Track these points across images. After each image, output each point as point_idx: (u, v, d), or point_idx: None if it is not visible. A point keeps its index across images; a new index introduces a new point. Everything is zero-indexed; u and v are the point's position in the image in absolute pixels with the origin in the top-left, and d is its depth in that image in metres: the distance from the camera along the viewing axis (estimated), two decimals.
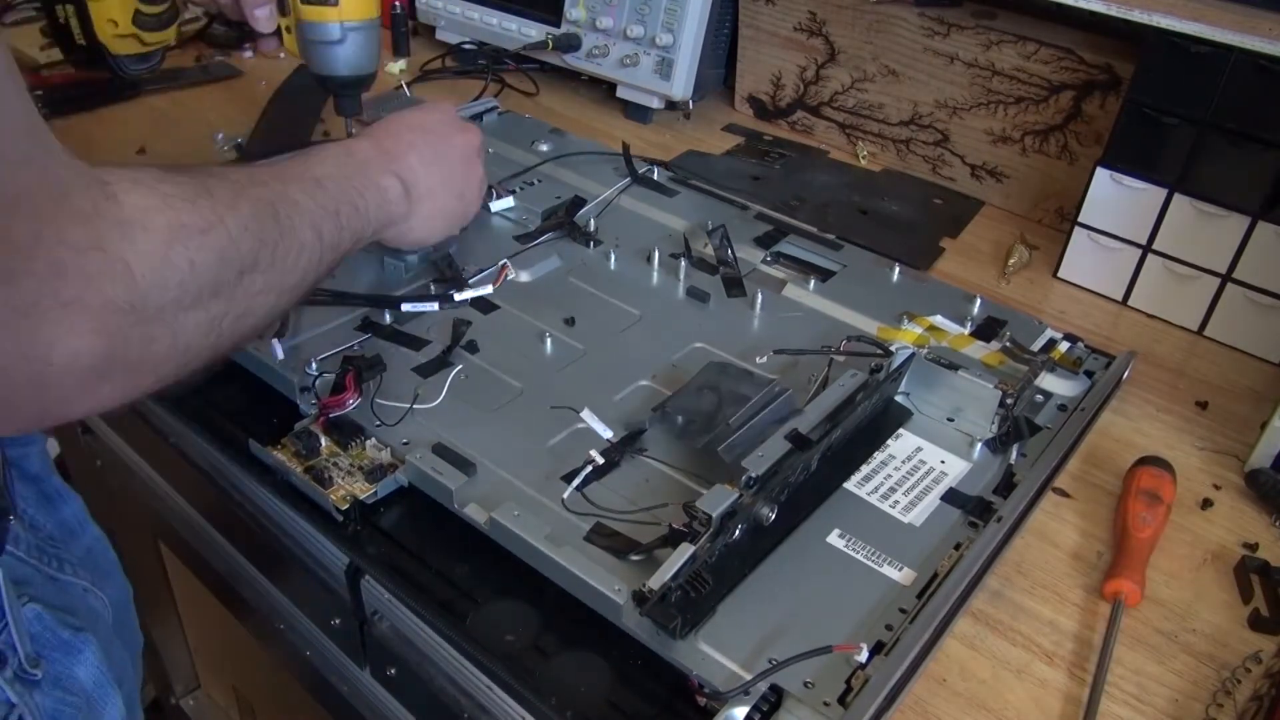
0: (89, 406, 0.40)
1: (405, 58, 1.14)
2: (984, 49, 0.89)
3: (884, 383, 0.60)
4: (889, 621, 0.49)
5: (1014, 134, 0.91)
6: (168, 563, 0.98)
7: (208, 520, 0.75)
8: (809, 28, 1.01)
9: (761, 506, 0.51)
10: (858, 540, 0.53)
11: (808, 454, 0.53)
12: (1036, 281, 0.84)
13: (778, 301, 0.73)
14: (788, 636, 0.47)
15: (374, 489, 0.55)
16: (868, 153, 1.02)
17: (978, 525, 0.55)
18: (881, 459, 0.60)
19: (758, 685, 0.44)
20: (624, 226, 0.82)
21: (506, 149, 0.93)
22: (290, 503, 0.56)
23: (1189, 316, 0.78)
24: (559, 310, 0.70)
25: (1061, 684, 0.49)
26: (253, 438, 0.57)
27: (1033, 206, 0.93)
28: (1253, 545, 0.58)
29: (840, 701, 0.44)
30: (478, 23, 1.15)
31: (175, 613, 1.09)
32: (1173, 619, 0.53)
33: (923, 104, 0.96)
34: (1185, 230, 0.76)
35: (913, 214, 0.92)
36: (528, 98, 1.12)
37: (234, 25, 0.92)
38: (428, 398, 0.61)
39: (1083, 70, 0.85)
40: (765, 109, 1.09)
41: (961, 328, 0.70)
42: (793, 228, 0.83)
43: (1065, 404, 0.65)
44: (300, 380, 0.60)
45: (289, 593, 0.69)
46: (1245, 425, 0.67)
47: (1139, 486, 0.58)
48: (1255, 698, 0.48)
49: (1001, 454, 0.60)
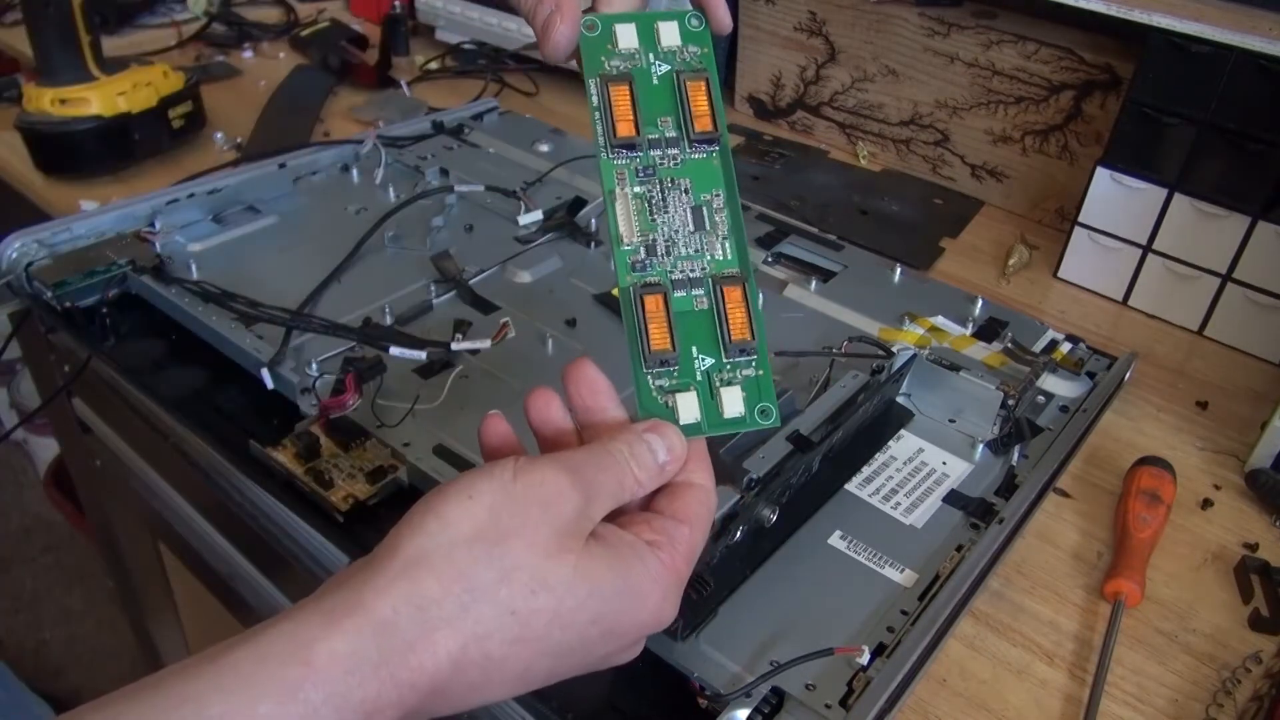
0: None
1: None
2: (984, 49, 0.89)
3: (885, 384, 0.60)
4: (890, 623, 0.49)
5: (1014, 134, 0.91)
6: (167, 563, 0.98)
7: (208, 520, 0.75)
8: (809, 27, 1.01)
9: (763, 508, 0.51)
10: (859, 542, 0.53)
11: (809, 455, 0.53)
12: (1037, 281, 0.84)
13: (779, 302, 0.73)
14: (789, 638, 0.47)
15: (375, 490, 0.55)
16: (868, 153, 1.02)
17: (979, 527, 0.55)
18: (883, 460, 0.60)
19: (759, 687, 0.44)
20: None
21: (506, 149, 0.93)
22: (290, 503, 0.56)
23: (1189, 316, 0.78)
24: (560, 311, 0.70)
25: (1062, 684, 0.49)
26: (253, 438, 0.57)
27: (1033, 206, 0.93)
28: (1253, 545, 0.58)
29: (842, 704, 0.44)
30: (478, 23, 1.15)
31: (175, 613, 1.09)
32: (1173, 619, 0.53)
33: (923, 104, 0.96)
34: (1185, 230, 0.76)
35: (913, 214, 0.92)
36: (528, 98, 1.12)
37: (233, 25, 0.90)
38: (428, 399, 0.60)
39: (1083, 70, 0.85)
40: (765, 109, 1.09)
41: (963, 329, 0.70)
42: (793, 228, 0.83)
43: (1067, 405, 0.65)
44: (301, 381, 0.59)
45: (289, 593, 0.69)
46: (1245, 425, 0.67)
47: (1139, 486, 0.58)
48: (1255, 698, 0.48)
49: (1003, 455, 0.60)
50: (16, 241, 0.69)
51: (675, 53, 0.40)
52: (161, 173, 0.90)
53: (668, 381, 0.38)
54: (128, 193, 0.85)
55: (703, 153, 0.40)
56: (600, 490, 0.35)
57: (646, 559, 0.35)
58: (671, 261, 0.39)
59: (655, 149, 0.39)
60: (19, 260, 0.69)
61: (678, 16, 0.40)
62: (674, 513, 0.37)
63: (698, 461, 0.39)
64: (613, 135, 0.39)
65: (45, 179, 0.88)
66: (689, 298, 0.39)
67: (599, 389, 0.38)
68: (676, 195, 0.39)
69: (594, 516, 0.35)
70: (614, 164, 0.39)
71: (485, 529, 0.33)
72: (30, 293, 0.68)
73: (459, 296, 0.71)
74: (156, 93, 0.90)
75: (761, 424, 0.38)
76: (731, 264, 0.39)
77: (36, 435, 1.90)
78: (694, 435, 0.38)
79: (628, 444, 0.37)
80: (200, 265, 0.72)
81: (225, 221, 0.78)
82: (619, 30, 0.40)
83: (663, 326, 0.38)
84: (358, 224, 0.77)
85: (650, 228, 0.39)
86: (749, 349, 0.38)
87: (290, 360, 0.61)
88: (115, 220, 0.73)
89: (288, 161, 0.83)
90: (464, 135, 0.95)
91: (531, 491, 0.34)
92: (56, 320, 0.68)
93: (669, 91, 0.40)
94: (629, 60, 0.40)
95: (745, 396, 0.38)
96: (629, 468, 0.36)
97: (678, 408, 0.38)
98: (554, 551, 0.33)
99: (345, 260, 0.73)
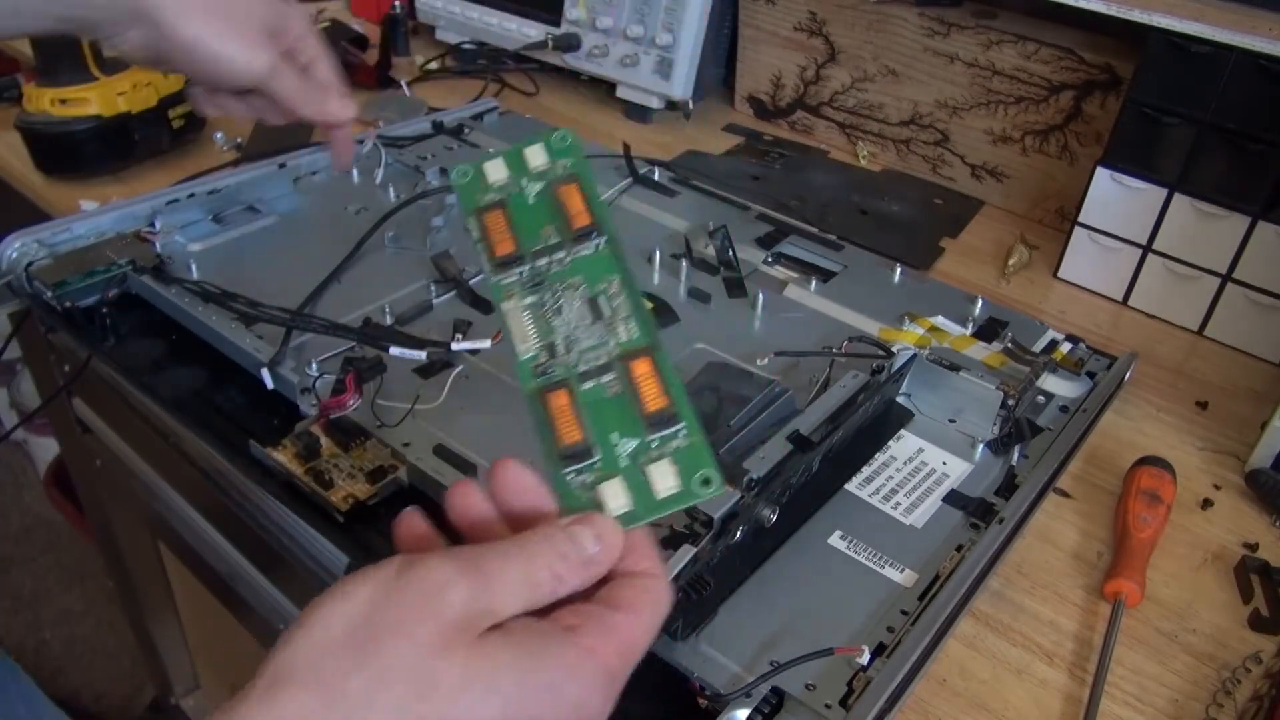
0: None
1: (405, 56, 1.14)
2: (984, 49, 0.89)
3: (885, 384, 0.60)
4: (890, 623, 0.49)
5: (1014, 134, 0.91)
6: (167, 563, 0.98)
7: (208, 520, 0.75)
8: (809, 27, 1.01)
9: (763, 508, 0.51)
10: (859, 542, 0.53)
11: (809, 455, 0.53)
12: (1036, 281, 0.84)
13: (779, 302, 0.73)
14: (789, 638, 0.47)
15: (375, 490, 0.55)
16: (868, 153, 1.02)
17: (979, 527, 0.55)
18: (883, 460, 0.60)
19: (759, 687, 0.44)
20: (625, 227, 0.82)
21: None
22: (290, 503, 0.56)
23: (1189, 316, 0.78)
24: None
25: (1062, 684, 0.49)
26: (253, 438, 0.57)
27: (1033, 206, 0.93)
28: (1253, 545, 0.58)
29: (842, 704, 0.44)
30: (478, 23, 1.15)
31: (175, 613, 1.09)
32: (1173, 619, 0.53)
33: (923, 104, 0.96)
34: (1185, 230, 0.76)
35: (913, 214, 0.92)
36: (528, 98, 1.12)
37: None
38: (428, 399, 0.60)
39: (1083, 70, 0.85)
40: (765, 109, 1.09)
41: (963, 328, 0.70)
42: (793, 228, 0.83)
43: (1067, 405, 0.65)
44: (301, 381, 0.59)
45: (289, 593, 0.69)
46: (1245, 425, 0.67)
47: (1139, 486, 0.58)
48: (1255, 698, 0.48)
49: (1003, 455, 0.60)
50: (16, 241, 0.69)
51: (546, 171, 0.41)
52: (161, 173, 0.90)
53: (590, 476, 0.36)
54: (128, 193, 0.85)
55: (588, 247, 0.39)
56: (501, 581, 0.31)
57: (561, 648, 0.31)
58: (575, 356, 0.38)
59: (541, 258, 0.39)
60: (19, 260, 0.69)
61: (542, 139, 0.41)
62: (609, 600, 0.33)
63: (642, 551, 0.34)
64: (494, 256, 0.39)
65: (45, 179, 0.88)
66: (598, 387, 0.37)
67: (525, 488, 0.35)
68: (569, 295, 0.39)
69: (494, 610, 0.31)
70: (502, 283, 0.39)
71: (358, 631, 0.29)
72: (30, 293, 0.68)
73: (459, 296, 0.71)
74: (156, 93, 0.90)
75: (705, 494, 0.35)
76: (638, 341, 0.38)
77: (36, 435, 1.90)
78: (631, 524, 0.35)
79: (545, 535, 0.33)
80: (200, 265, 0.71)
81: (225, 221, 0.78)
82: (488, 167, 0.41)
83: (571, 420, 0.36)
84: (358, 224, 0.77)
85: (548, 332, 0.38)
86: (670, 417, 0.36)
87: (290, 360, 0.61)
88: (115, 220, 0.73)
89: (288, 161, 0.83)
90: (464, 135, 0.95)
91: (414, 584, 0.30)
92: (56, 320, 0.68)
93: (546, 205, 0.40)
94: (502, 190, 0.41)
95: (679, 469, 0.35)
96: (541, 560, 0.32)
97: (604, 499, 0.35)
98: (440, 648, 0.29)
99: (345, 260, 0.73)
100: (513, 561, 0.31)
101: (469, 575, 0.30)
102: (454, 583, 0.30)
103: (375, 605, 0.29)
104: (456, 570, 0.30)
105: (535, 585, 0.32)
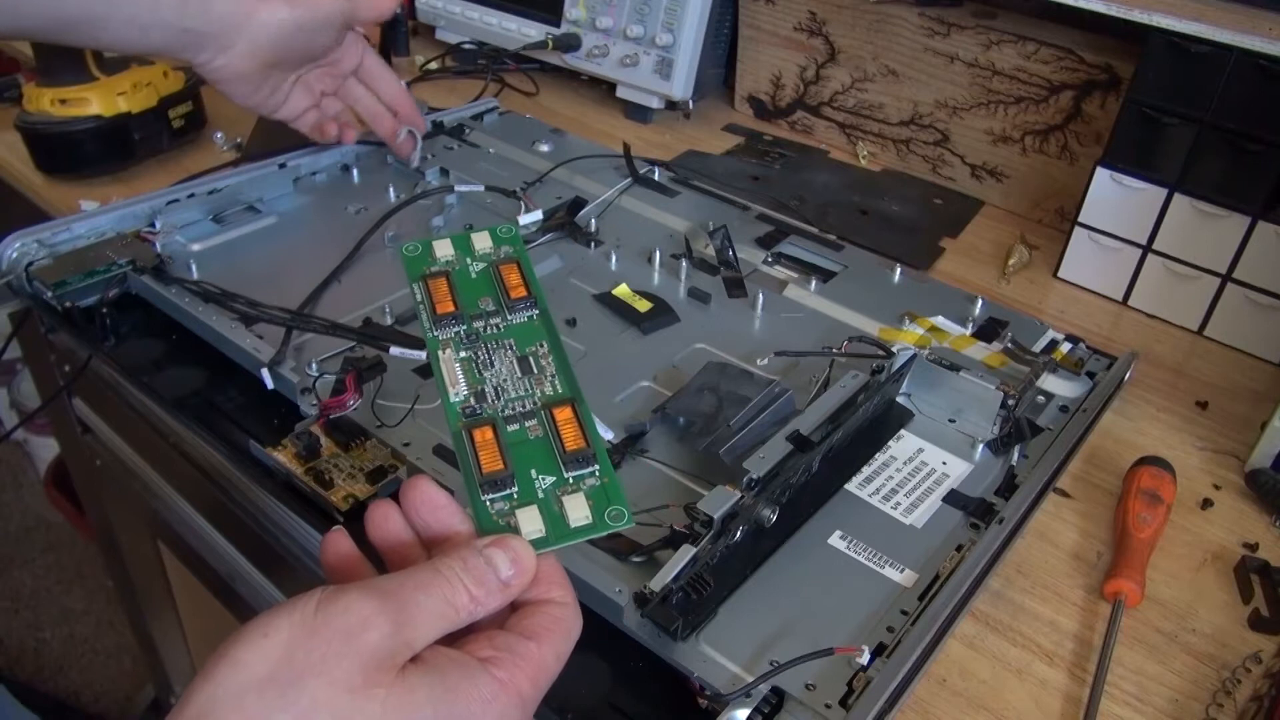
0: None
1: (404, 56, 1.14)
2: (984, 49, 0.89)
3: (885, 384, 0.60)
4: (890, 623, 0.49)
5: (1014, 134, 0.91)
6: (167, 562, 0.98)
7: (208, 520, 0.75)
8: (809, 27, 1.01)
9: (763, 508, 0.51)
10: (859, 542, 0.53)
11: (809, 455, 0.53)
12: (1036, 281, 0.84)
13: (779, 302, 0.73)
14: (789, 638, 0.47)
15: (375, 490, 0.55)
16: (868, 153, 1.02)
17: (979, 527, 0.55)
18: (883, 460, 0.60)
19: (759, 687, 0.44)
20: (625, 227, 0.82)
21: (507, 149, 0.93)
22: (290, 503, 0.56)
23: (1189, 316, 0.78)
24: (560, 311, 0.70)
25: (1061, 684, 0.49)
26: (253, 438, 0.57)
27: (1033, 206, 0.93)
28: (1253, 545, 0.58)
29: (842, 704, 0.44)
30: (478, 23, 1.15)
31: (175, 613, 1.09)
32: (1173, 619, 0.53)
33: (923, 104, 0.96)
34: (1185, 230, 0.76)
35: (913, 214, 0.92)
36: (528, 98, 1.12)
37: None
38: (428, 399, 0.60)
39: (1083, 70, 0.85)
40: (765, 109, 1.09)
41: (963, 328, 0.70)
42: (793, 228, 0.83)
43: (1067, 405, 0.65)
44: (301, 381, 0.59)
45: (289, 592, 0.69)
46: (1245, 425, 0.67)
47: (1139, 486, 0.58)
48: (1255, 698, 0.48)
49: (1003, 455, 0.60)
50: (16, 241, 0.69)
51: (490, 253, 0.45)
52: (161, 173, 0.90)
53: (507, 503, 0.38)
54: (128, 193, 0.85)
55: (522, 316, 0.43)
56: (420, 612, 0.32)
57: (477, 678, 0.32)
58: (502, 403, 0.40)
59: (478, 320, 0.43)
60: (19, 260, 0.69)
61: (488, 229, 0.46)
62: (522, 629, 0.34)
63: (552, 578, 0.36)
64: (434, 313, 0.42)
65: (45, 179, 0.88)
66: (522, 429, 0.40)
67: (438, 505, 0.36)
68: (501, 353, 0.42)
69: (413, 642, 0.32)
70: (439, 337, 0.42)
71: (279, 669, 0.29)
72: (30, 293, 0.68)
73: None
74: (156, 93, 0.90)
75: (613, 526, 0.37)
76: (563, 393, 0.41)
77: (36, 435, 1.90)
78: (542, 549, 0.36)
79: (461, 560, 0.34)
80: (200, 265, 0.72)
81: (225, 221, 0.78)
82: (436, 245, 0.45)
83: (494, 452, 0.38)
84: (358, 224, 0.78)
85: (478, 381, 0.41)
86: (587, 458, 0.39)
87: (290, 360, 0.62)
88: (115, 220, 0.73)
89: (288, 161, 0.83)
90: (464, 135, 0.95)
91: (334, 621, 0.30)
92: (56, 320, 0.68)
93: (487, 280, 0.44)
94: (447, 265, 0.45)
95: (592, 504, 0.38)
96: (460, 585, 0.33)
97: (519, 523, 0.37)
98: (359, 686, 0.30)
99: (345, 260, 0.73)
100: (432, 592, 0.33)
101: (388, 612, 0.31)
102: (373, 621, 0.31)
103: (296, 643, 0.30)
104: (376, 608, 0.31)
105: (454, 611, 0.33)
